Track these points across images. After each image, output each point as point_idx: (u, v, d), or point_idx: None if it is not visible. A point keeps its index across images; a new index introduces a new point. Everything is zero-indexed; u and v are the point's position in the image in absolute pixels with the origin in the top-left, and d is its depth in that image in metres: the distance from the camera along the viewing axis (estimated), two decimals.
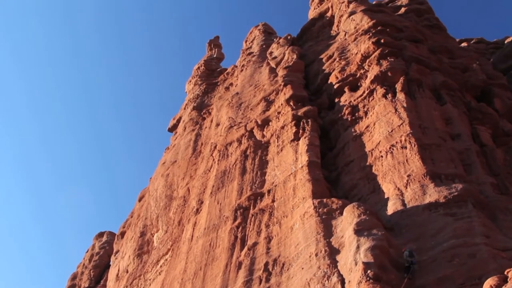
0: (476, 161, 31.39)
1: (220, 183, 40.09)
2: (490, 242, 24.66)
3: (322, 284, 25.68)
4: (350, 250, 25.34)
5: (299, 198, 31.97)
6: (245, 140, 41.43)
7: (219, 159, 42.69)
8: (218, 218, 37.25)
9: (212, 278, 33.36)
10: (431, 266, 24.41)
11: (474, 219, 25.85)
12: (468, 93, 38.85)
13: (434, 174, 29.00)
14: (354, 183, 32.88)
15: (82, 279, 69.17)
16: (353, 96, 38.32)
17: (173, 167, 51.94)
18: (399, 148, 31.38)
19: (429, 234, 25.96)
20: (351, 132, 35.98)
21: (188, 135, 54.18)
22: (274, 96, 43.83)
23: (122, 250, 56.06)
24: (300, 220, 30.53)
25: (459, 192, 27.20)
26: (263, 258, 30.88)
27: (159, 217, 49.56)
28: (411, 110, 33.49)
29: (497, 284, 17.45)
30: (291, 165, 35.02)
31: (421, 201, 27.72)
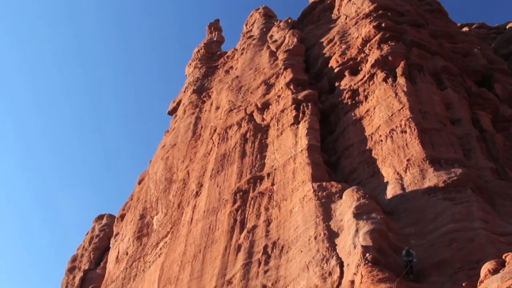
0: (476, 146, 31.40)
1: (219, 166, 40.13)
2: (489, 227, 24.75)
3: (320, 267, 25.80)
4: (349, 233, 25.42)
5: (299, 181, 32.01)
6: (245, 124, 41.40)
7: (219, 142, 42.68)
8: (217, 201, 37.34)
9: (212, 261, 33.51)
10: (430, 250, 24.51)
11: (473, 204, 25.92)
12: (468, 78, 38.75)
13: (433, 158, 29.02)
14: (354, 167, 32.92)
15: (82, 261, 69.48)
16: (353, 80, 38.23)
17: (173, 150, 51.95)
18: (399, 133, 31.37)
19: (428, 218, 26.04)
20: (351, 116, 35.94)
21: (188, 118, 54.13)
22: (274, 79, 43.73)
23: (122, 233, 56.24)
24: (299, 204, 30.60)
25: (458, 177, 27.26)
26: (262, 241, 30.99)
27: (159, 200, 49.66)
28: (411, 94, 33.42)
29: (494, 269, 17.51)
30: (290, 148, 35.03)
31: (420, 186, 27.78)
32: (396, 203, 27.72)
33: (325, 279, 24.94)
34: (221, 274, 31.62)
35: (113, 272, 52.74)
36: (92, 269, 66.49)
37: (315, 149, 33.57)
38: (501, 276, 15.52)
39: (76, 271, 69.04)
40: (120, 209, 63.03)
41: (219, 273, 31.80)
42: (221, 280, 31.23)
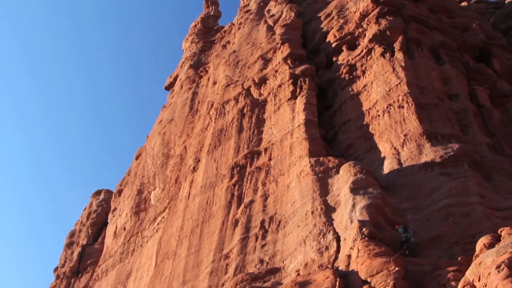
0: (473, 121, 31.41)
1: (217, 141, 40.11)
2: (485, 202, 24.87)
3: (317, 241, 25.95)
4: (346, 208, 25.52)
5: (296, 156, 32.04)
6: (242, 99, 41.30)
7: (216, 117, 42.62)
8: (214, 176, 37.39)
9: (209, 236, 33.66)
10: (426, 224, 24.64)
11: (470, 179, 26.01)
12: (467, 53, 38.60)
13: (430, 133, 29.03)
14: (351, 142, 32.94)
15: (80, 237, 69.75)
16: (351, 55, 38.04)
17: (170, 125, 51.89)
18: (396, 108, 31.33)
19: (424, 193, 26.14)
20: (349, 91, 35.86)
21: (185, 93, 53.97)
22: (271, 54, 43.51)
23: (119, 208, 56.43)
24: (296, 179, 30.66)
25: (455, 152, 27.31)
26: (260, 216, 31.11)
27: (156, 175, 49.74)
28: (409, 69, 33.31)
29: (490, 243, 17.64)
30: (288, 123, 35.00)
31: (417, 161, 27.83)
32: (393, 178, 27.80)
33: (322, 254, 25.10)
34: (218, 248, 31.79)
35: (111, 247, 53.05)
36: (90, 244, 66.77)
37: (312, 124, 33.56)
38: (496, 251, 15.62)
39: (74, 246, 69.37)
40: (117, 184, 63.16)
41: (216, 247, 31.96)
42: (218, 255, 31.41)
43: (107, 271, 51.05)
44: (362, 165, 28.31)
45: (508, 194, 26.54)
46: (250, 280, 27.19)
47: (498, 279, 14.24)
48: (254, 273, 27.67)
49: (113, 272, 49.39)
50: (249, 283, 26.86)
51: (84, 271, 62.68)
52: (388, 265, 20.25)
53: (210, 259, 31.76)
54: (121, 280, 46.57)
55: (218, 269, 30.68)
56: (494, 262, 14.99)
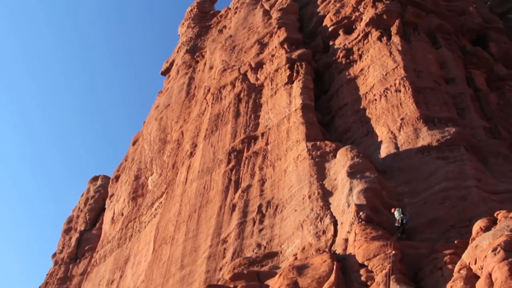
0: (470, 105, 31.43)
1: (213, 126, 40.08)
2: (481, 185, 24.95)
3: (315, 225, 26.03)
4: (343, 192, 25.59)
5: (293, 141, 32.05)
6: (238, 83, 41.21)
7: (213, 102, 42.54)
8: (212, 161, 37.40)
9: (206, 220, 33.73)
10: (423, 208, 24.72)
11: (466, 163, 26.08)
12: (463, 37, 38.53)
13: (427, 117, 29.05)
14: (348, 126, 32.94)
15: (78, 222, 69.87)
16: (347, 39, 37.94)
17: (167, 110, 51.80)
18: (393, 92, 31.31)
19: (421, 177, 26.21)
20: (345, 75, 35.81)
21: (181, 78, 53.82)
22: (268, 38, 43.37)
23: (117, 194, 56.48)
24: (293, 163, 30.69)
25: (451, 136, 27.35)
26: (257, 201, 31.17)
27: (153, 161, 49.74)
28: (406, 53, 33.26)
29: (486, 226, 17.71)
30: (284, 108, 34.96)
31: (414, 145, 27.87)
32: (390, 162, 27.85)
33: (319, 238, 25.19)
34: (216, 233, 31.86)
35: (109, 233, 53.16)
36: (88, 230, 66.91)
37: (309, 109, 33.54)
38: (492, 234, 15.70)
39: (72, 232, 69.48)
40: (114, 170, 63.14)
41: (214, 232, 32.04)
42: (216, 239, 31.49)
43: (105, 257, 51.19)
44: (359, 149, 28.34)
45: (504, 177, 26.63)
46: (247, 264, 27.30)
47: (494, 261, 14.32)
48: (251, 257, 27.77)
49: (111, 258, 49.53)
50: (247, 267, 26.97)
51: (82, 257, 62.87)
52: (385, 249, 20.34)
53: (207, 244, 31.85)
54: (119, 265, 46.71)
55: (216, 254, 30.78)
56: (491, 245, 15.07)
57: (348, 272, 21.25)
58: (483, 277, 14.56)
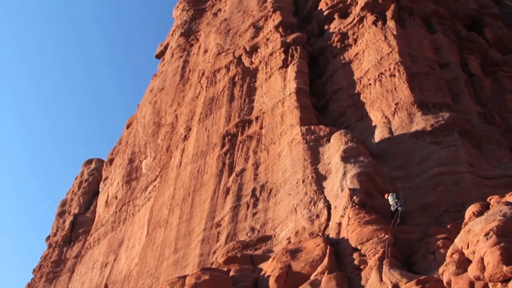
0: (464, 90, 31.45)
1: (208, 110, 40.00)
2: (474, 171, 25.06)
3: (308, 209, 26.11)
4: (337, 176, 25.65)
5: (287, 125, 32.05)
6: (233, 67, 41.08)
7: (207, 85, 42.42)
8: (206, 145, 37.38)
9: (200, 204, 33.78)
10: (416, 193, 24.83)
11: (460, 148, 26.16)
12: (458, 22, 38.43)
13: (421, 102, 29.08)
14: (342, 111, 32.93)
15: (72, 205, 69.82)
16: (343, 23, 37.80)
17: (161, 94, 51.63)
18: (388, 76, 31.28)
19: (415, 161, 26.29)
20: (340, 60, 35.73)
21: (176, 61, 53.60)
22: (263, 22, 43.17)
23: (111, 177, 56.46)
24: (287, 147, 30.71)
25: (445, 121, 27.39)
26: (251, 184, 31.22)
27: (147, 144, 49.68)
28: (401, 38, 33.19)
29: (479, 211, 17.78)
30: (279, 92, 34.91)
31: (408, 129, 27.91)
32: (384, 147, 27.91)
33: (313, 222, 25.28)
34: (210, 217, 31.93)
35: (103, 216, 53.21)
36: (82, 213, 66.90)
37: (304, 93, 33.49)
38: (485, 218, 15.76)
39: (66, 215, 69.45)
40: (108, 153, 63.05)
41: (208, 216, 32.11)
42: (210, 223, 31.57)
43: (99, 240, 51.29)
44: (353, 133, 28.38)
45: (497, 163, 26.75)
46: (241, 248, 27.40)
47: (486, 246, 14.39)
48: (245, 241, 27.87)
49: (105, 241, 49.63)
50: (241, 251, 27.07)
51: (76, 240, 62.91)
52: (378, 233, 20.44)
53: (201, 227, 31.93)
54: (113, 248, 46.82)
55: (210, 237, 30.87)
56: (483, 230, 15.14)
57: (341, 256, 21.37)
58: (475, 262, 14.64)
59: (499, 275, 13.70)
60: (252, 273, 24.05)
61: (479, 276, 14.37)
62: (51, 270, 60.01)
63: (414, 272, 18.80)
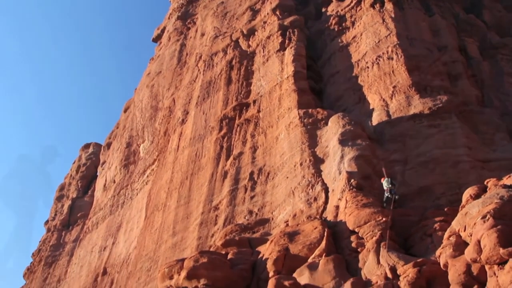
0: (462, 73, 31.35)
1: (205, 94, 39.90)
2: (472, 154, 25.09)
3: (306, 192, 26.14)
4: (335, 159, 25.66)
5: (285, 108, 31.98)
6: (230, 50, 40.90)
7: (204, 69, 42.27)
8: (203, 128, 37.33)
9: (198, 188, 33.80)
10: (413, 176, 24.87)
11: (457, 131, 26.16)
12: (457, 4, 38.25)
13: (419, 85, 29.01)
14: (340, 94, 32.86)
15: (70, 190, 69.81)
16: (340, 6, 37.61)
17: (158, 77, 51.46)
18: (386, 59, 31.18)
19: (412, 144, 26.30)
20: (338, 43, 35.58)
21: (173, 45, 53.35)
22: (260, 5, 42.92)
23: (108, 161, 56.42)
24: (285, 130, 30.68)
25: (443, 104, 27.36)
26: (248, 168, 31.22)
27: (145, 128, 49.60)
28: (398, 20, 33.03)
29: (476, 194, 17.79)
30: (276, 75, 34.79)
31: (405, 112, 27.87)
32: (382, 130, 27.89)
33: (310, 205, 25.33)
34: (207, 200, 31.97)
35: (101, 200, 53.25)
36: (80, 197, 66.86)
37: (301, 76, 33.38)
38: (482, 201, 15.78)
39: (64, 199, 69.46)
40: (106, 137, 62.96)
41: (205, 199, 32.14)
42: (208, 206, 31.61)
43: (98, 224, 51.34)
44: (351, 116, 28.34)
45: (495, 146, 26.77)
46: (239, 231, 27.46)
47: (483, 229, 14.43)
48: (243, 224, 27.92)
49: (103, 225, 49.68)
50: (238, 234, 27.13)
51: (75, 224, 62.95)
52: (375, 216, 20.49)
53: (199, 211, 31.97)
54: (112, 232, 46.89)
55: (208, 221, 30.93)
56: (480, 213, 15.17)
57: (339, 239, 21.45)
58: (472, 244, 14.69)
59: (495, 257, 13.75)
60: (250, 256, 24.14)
61: (476, 258, 14.43)
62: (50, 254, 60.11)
63: (412, 254, 18.87)
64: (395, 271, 17.41)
